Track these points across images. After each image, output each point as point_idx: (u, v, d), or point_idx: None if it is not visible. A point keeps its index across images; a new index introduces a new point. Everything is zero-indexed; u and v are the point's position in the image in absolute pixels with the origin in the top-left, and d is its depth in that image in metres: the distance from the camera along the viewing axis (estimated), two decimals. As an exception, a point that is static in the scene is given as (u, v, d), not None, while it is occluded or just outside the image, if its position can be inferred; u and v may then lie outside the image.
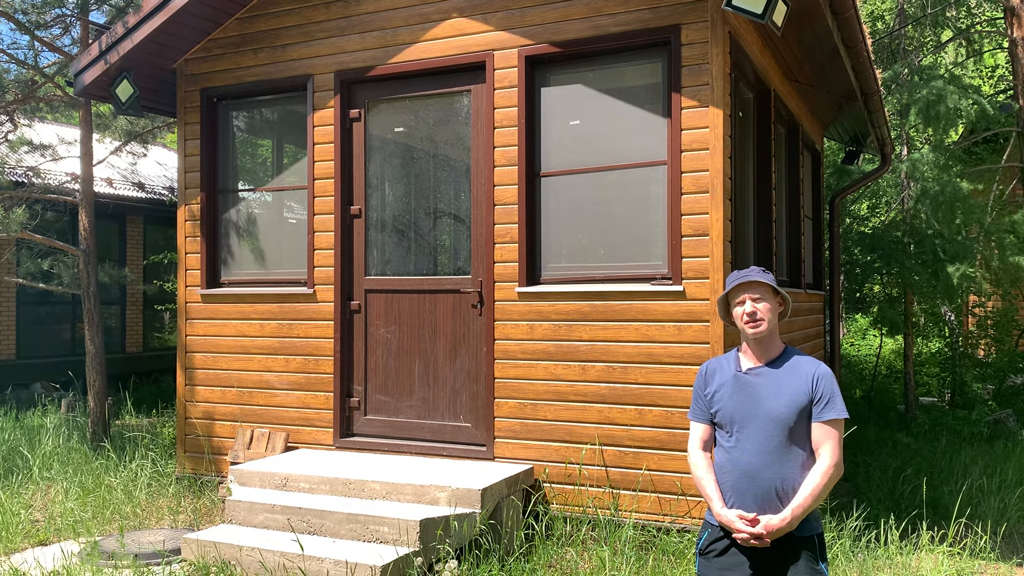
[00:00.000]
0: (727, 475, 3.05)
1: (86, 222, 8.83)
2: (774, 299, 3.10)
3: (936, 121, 10.05)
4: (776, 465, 2.96)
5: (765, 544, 2.92)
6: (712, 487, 3.07)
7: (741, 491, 3.00)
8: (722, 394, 3.11)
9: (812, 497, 2.92)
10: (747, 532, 2.92)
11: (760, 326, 3.04)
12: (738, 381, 3.09)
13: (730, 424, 3.07)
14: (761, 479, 2.97)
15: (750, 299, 3.06)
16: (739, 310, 3.09)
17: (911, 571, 4.92)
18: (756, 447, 2.99)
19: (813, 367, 3.05)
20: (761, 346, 3.09)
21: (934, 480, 7.07)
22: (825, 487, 2.94)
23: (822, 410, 2.98)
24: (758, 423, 3.00)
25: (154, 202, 14.23)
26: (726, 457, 3.07)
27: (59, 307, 13.51)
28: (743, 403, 3.05)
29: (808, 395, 2.99)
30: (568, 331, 5.69)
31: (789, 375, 3.04)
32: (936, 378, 13.23)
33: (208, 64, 7.04)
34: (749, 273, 3.10)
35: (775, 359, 3.09)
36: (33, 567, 4.92)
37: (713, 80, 5.31)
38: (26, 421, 9.92)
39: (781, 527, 2.90)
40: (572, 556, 5.08)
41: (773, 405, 2.99)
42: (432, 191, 6.35)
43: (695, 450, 3.18)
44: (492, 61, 5.93)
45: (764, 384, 3.04)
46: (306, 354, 6.58)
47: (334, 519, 5.07)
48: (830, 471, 2.94)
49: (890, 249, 10.76)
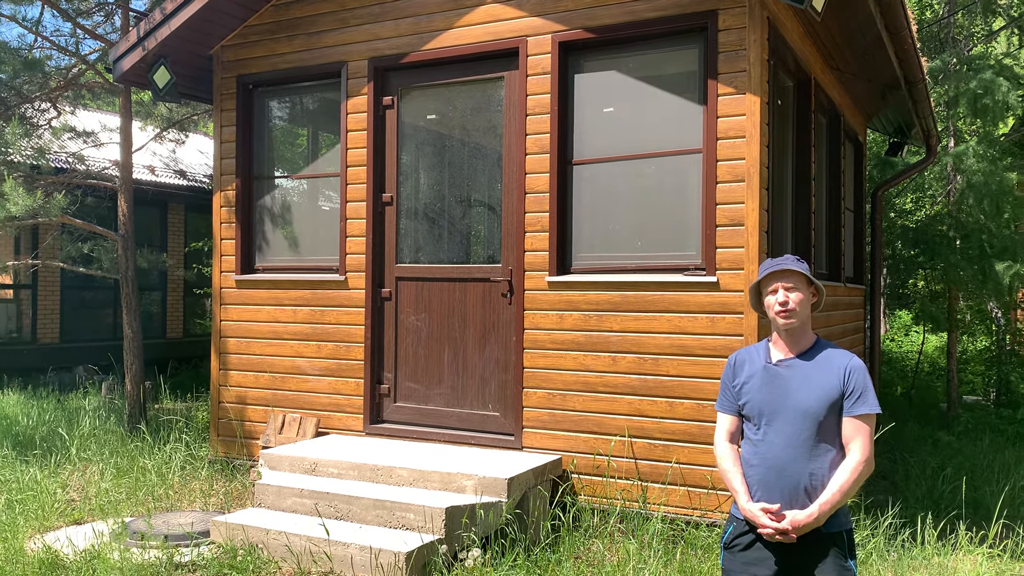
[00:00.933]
0: (754, 469, 2.98)
1: (124, 207, 8.95)
2: (808, 289, 3.01)
3: (984, 114, 9.78)
4: (805, 459, 2.88)
5: (791, 540, 2.85)
6: (738, 480, 3.00)
7: (768, 485, 2.92)
8: (751, 386, 3.03)
9: (841, 493, 2.83)
10: (773, 527, 2.85)
11: (792, 317, 2.95)
12: (768, 373, 3.01)
13: (758, 416, 2.99)
14: (789, 473, 2.89)
15: (783, 288, 2.97)
16: (771, 299, 3.00)
17: (948, 572, 4.79)
18: (785, 441, 2.91)
19: (845, 360, 2.95)
20: (792, 337, 3.00)
21: (975, 480, 6.89)
22: (855, 483, 2.85)
23: (853, 404, 2.88)
24: (787, 416, 2.92)
25: (195, 189, 14.38)
26: (753, 450, 2.99)
27: (102, 292, 13.75)
28: (772, 395, 2.96)
29: (839, 389, 2.90)
30: (598, 321, 5.63)
31: (820, 368, 2.94)
32: (981, 376, 12.91)
33: (244, 51, 7.07)
34: (784, 261, 3.01)
35: (806, 351, 3.00)
36: (65, 545, 5.00)
37: (751, 66, 5.19)
38: (67, 403, 10.12)
39: (808, 523, 2.82)
40: (599, 548, 5.02)
41: (803, 398, 2.91)
42: (464, 179, 6.31)
43: (721, 442, 3.11)
44: (525, 47, 5.87)
45: (794, 376, 2.96)
46: (337, 340, 6.60)
47: (361, 505, 5.07)
48: (860, 467, 2.85)
49: (934, 244, 10.50)
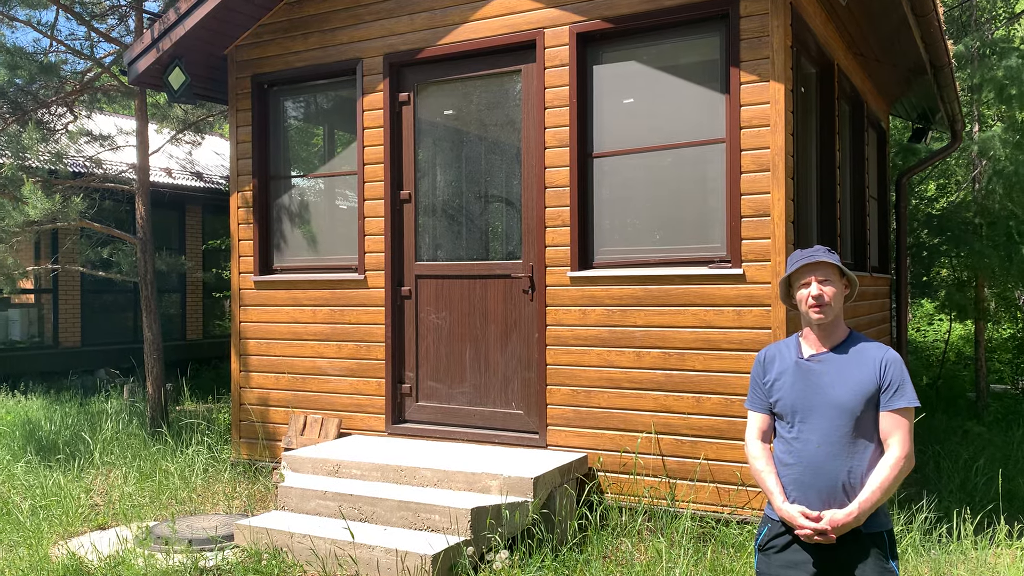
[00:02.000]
0: (789, 468, 2.87)
1: (142, 210, 8.94)
2: (840, 281, 2.91)
3: (1010, 101, 9.59)
4: (841, 457, 2.77)
5: (830, 540, 2.75)
6: (773, 481, 2.89)
7: (804, 485, 2.82)
8: (782, 382, 2.92)
9: (881, 491, 2.73)
10: (811, 527, 2.75)
11: (826, 311, 2.85)
12: (800, 368, 2.90)
13: (791, 414, 2.88)
14: (826, 472, 2.78)
15: (816, 281, 2.86)
16: (803, 292, 2.89)
17: (988, 568, 4.67)
18: (820, 438, 2.80)
19: (881, 352, 2.85)
20: (825, 331, 2.90)
21: (1009, 471, 6.74)
22: (895, 480, 2.74)
23: (891, 398, 2.78)
24: (822, 413, 2.81)
25: (212, 191, 14.39)
26: (787, 449, 2.89)
27: (122, 295, 13.79)
28: (805, 392, 2.86)
29: (876, 382, 2.79)
30: (622, 316, 5.54)
31: (855, 361, 2.84)
32: (1009, 365, 12.71)
33: (258, 50, 7.02)
34: (815, 253, 2.90)
35: (839, 344, 2.90)
36: (90, 551, 4.97)
37: (774, 53, 5.08)
38: (89, 407, 10.14)
39: (847, 522, 2.72)
40: (627, 547, 4.94)
41: (838, 393, 2.80)
42: (482, 174, 6.23)
43: (753, 441, 3.00)
44: (543, 39, 5.78)
45: (828, 371, 2.85)
46: (358, 340, 6.54)
47: (385, 506, 5.01)
48: (900, 463, 2.74)
49: (960, 231, 10.32)
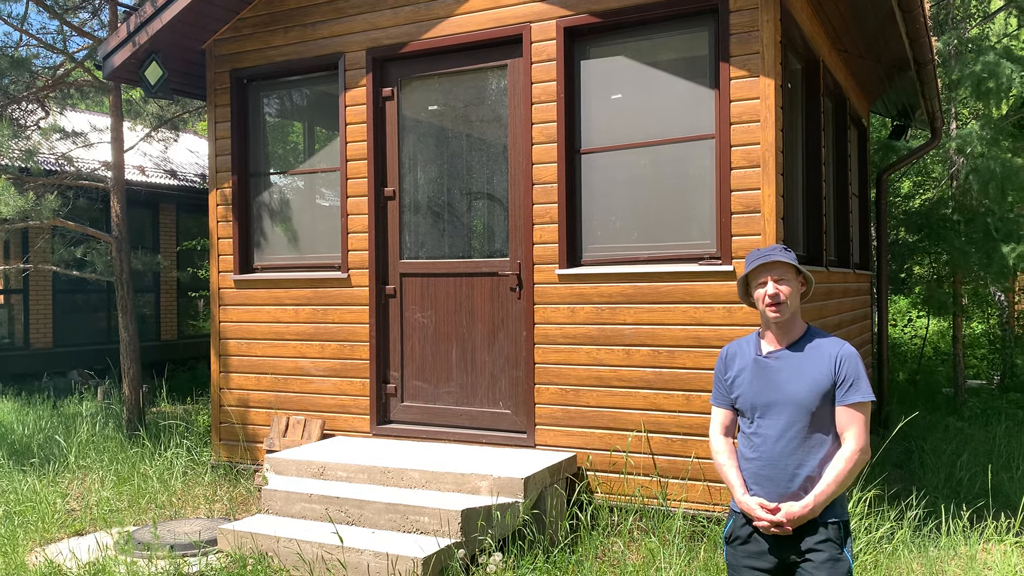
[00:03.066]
0: (749, 462, 2.96)
1: (118, 208, 8.75)
2: (796, 280, 2.97)
3: (987, 96, 9.66)
4: (799, 452, 2.86)
5: (787, 532, 2.84)
6: (734, 474, 2.99)
7: (763, 478, 2.91)
8: (742, 379, 3.01)
9: (836, 483, 2.81)
10: (768, 519, 2.84)
11: (782, 310, 2.91)
12: (758, 365, 2.98)
13: (751, 410, 2.98)
14: (783, 466, 2.87)
15: (772, 280, 2.93)
16: (760, 292, 2.96)
17: (979, 564, 4.66)
18: (778, 433, 2.89)
19: (836, 348, 2.91)
20: (782, 329, 2.97)
21: (992, 466, 6.77)
22: (850, 473, 2.83)
23: (846, 393, 2.85)
24: (779, 408, 2.90)
25: (186, 189, 14.17)
26: (748, 443, 2.98)
27: (94, 295, 13.54)
28: (764, 388, 2.94)
29: (831, 378, 2.86)
30: (611, 314, 5.48)
31: (811, 358, 2.91)
32: (984, 360, 12.83)
33: (237, 44, 6.88)
34: (771, 252, 2.96)
35: (796, 341, 2.97)
36: (68, 558, 4.83)
37: (764, 48, 5.05)
38: (63, 409, 9.92)
39: (803, 514, 2.80)
40: (619, 547, 4.89)
41: (795, 389, 2.88)
42: (468, 171, 6.14)
43: (716, 436, 3.09)
44: (529, 34, 5.70)
45: (785, 368, 2.93)
46: (341, 340, 6.43)
47: (373, 509, 4.92)
48: (855, 456, 2.82)
49: (938, 228, 10.39)
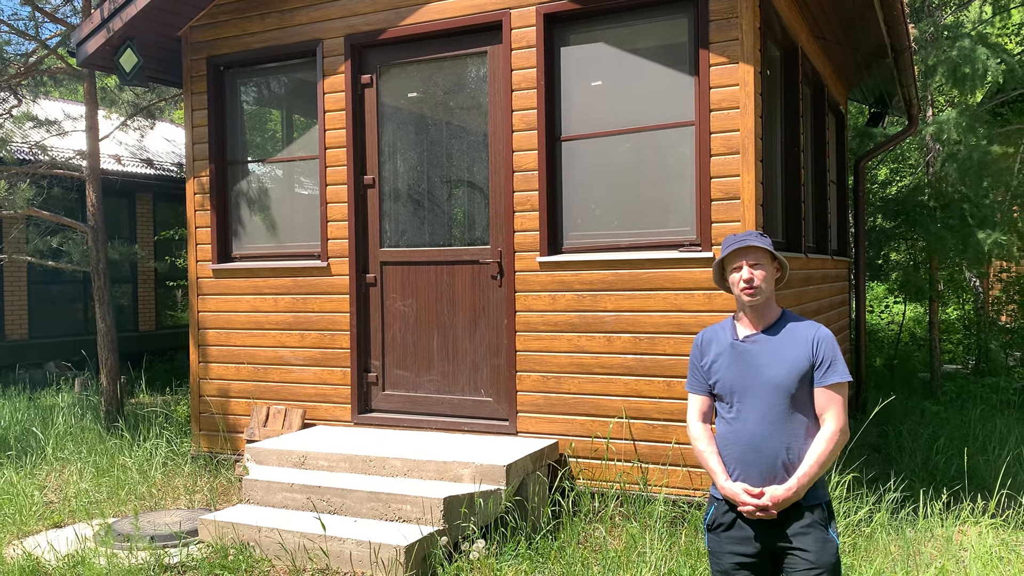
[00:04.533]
0: (730, 447, 2.95)
1: (93, 198, 8.65)
2: (772, 265, 2.98)
3: (963, 82, 9.72)
4: (780, 434, 2.86)
5: (772, 516, 2.84)
6: (715, 460, 2.97)
7: (745, 463, 2.90)
8: (720, 364, 3.00)
9: (818, 465, 2.82)
10: (752, 504, 2.83)
11: (757, 294, 2.93)
12: (735, 350, 2.98)
13: (730, 395, 2.96)
14: (765, 449, 2.87)
15: (747, 265, 2.94)
16: (735, 276, 2.97)
17: (955, 545, 4.73)
18: (758, 417, 2.89)
19: (812, 331, 2.93)
20: (757, 313, 2.98)
21: (968, 449, 6.87)
22: (831, 454, 2.83)
23: (824, 374, 2.87)
24: (759, 392, 2.90)
25: (163, 179, 14.02)
26: (728, 429, 2.97)
27: (71, 286, 13.39)
28: (742, 372, 2.94)
29: (809, 360, 2.88)
30: (592, 301, 5.49)
31: (788, 341, 2.92)
32: (960, 345, 12.98)
33: (214, 31, 6.80)
34: (747, 238, 2.97)
35: (772, 324, 2.98)
36: (47, 551, 4.79)
37: (743, 35, 5.05)
38: (39, 401, 9.82)
39: (787, 497, 2.80)
40: (601, 532, 4.91)
41: (773, 373, 2.89)
42: (449, 158, 6.12)
43: (695, 423, 3.07)
44: (509, 20, 5.68)
45: (763, 351, 2.93)
46: (322, 329, 6.40)
47: (355, 497, 4.92)
48: (835, 437, 2.83)
49: (915, 214, 10.47)
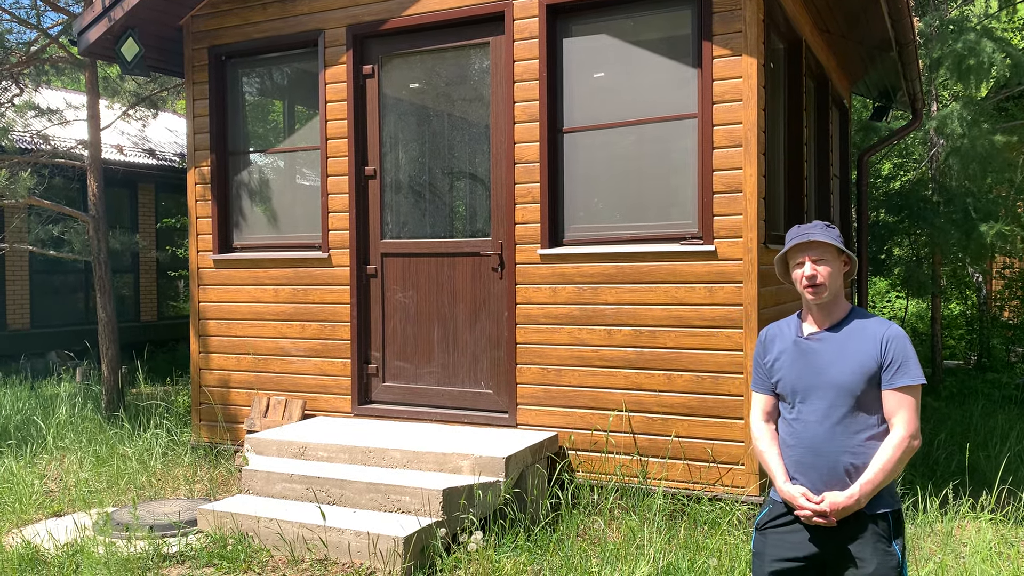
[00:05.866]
0: (791, 449, 2.79)
1: (95, 187, 8.64)
2: (838, 259, 2.79)
3: (968, 75, 9.67)
4: (842, 437, 2.69)
5: (831, 523, 2.67)
6: (775, 461, 2.82)
7: (805, 466, 2.74)
8: (782, 362, 2.84)
9: (883, 473, 2.63)
10: (811, 509, 2.67)
11: (821, 292, 2.75)
12: (799, 348, 2.81)
13: (792, 394, 2.81)
14: (826, 453, 2.70)
15: (810, 261, 2.76)
16: (798, 272, 2.79)
17: (954, 540, 4.72)
18: (819, 418, 2.73)
19: (882, 329, 2.73)
20: (823, 310, 2.80)
21: (969, 445, 6.85)
22: (899, 461, 2.64)
23: (893, 376, 2.67)
24: (822, 392, 2.73)
25: (165, 169, 14.00)
26: (789, 430, 2.81)
27: (72, 276, 13.39)
28: (805, 371, 2.78)
29: (877, 360, 2.69)
30: (593, 294, 5.48)
31: (855, 339, 2.74)
32: (962, 340, 12.96)
33: (215, 21, 6.78)
34: (811, 231, 2.77)
35: (839, 322, 2.80)
36: (46, 539, 4.80)
37: (747, 27, 5.03)
38: (40, 390, 9.84)
39: (848, 505, 2.64)
40: (600, 525, 4.91)
41: (837, 372, 2.71)
42: (450, 150, 6.10)
43: (757, 422, 2.93)
44: (511, 11, 5.65)
45: (827, 350, 2.76)
46: (322, 320, 6.40)
47: (354, 488, 4.91)
48: (904, 443, 2.64)
49: (918, 209, 10.44)
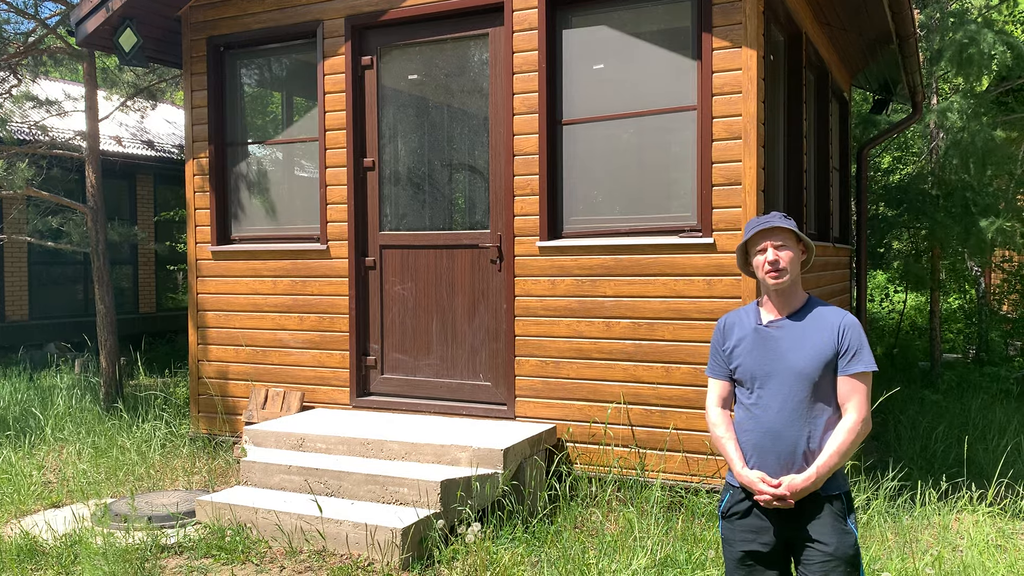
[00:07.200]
0: (748, 434, 2.88)
1: (93, 178, 8.62)
2: (797, 247, 2.90)
3: (968, 67, 9.64)
4: (800, 422, 2.79)
5: (789, 505, 2.77)
6: (732, 447, 2.91)
7: (763, 450, 2.83)
8: (742, 349, 2.93)
9: (838, 455, 2.75)
10: (770, 493, 2.77)
11: (783, 276, 2.84)
12: (759, 335, 2.90)
13: (751, 380, 2.89)
14: (784, 437, 2.80)
15: (772, 247, 2.85)
16: (760, 259, 2.88)
17: (951, 532, 4.73)
18: (779, 404, 2.81)
19: (838, 317, 2.85)
20: (783, 297, 2.90)
21: (967, 438, 6.86)
22: (852, 444, 2.76)
23: (848, 363, 2.79)
24: (780, 379, 2.82)
25: (164, 160, 13.98)
26: (747, 415, 2.90)
27: (71, 267, 13.38)
28: (764, 358, 2.87)
29: (834, 347, 2.80)
30: (592, 286, 5.47)
31: (813, 327, 2.84)
32: (960, 334, 12.95)
33: (214, 11, 6.75)
34: (771, 219, 2.88)
35: (798, 310, 2.90)
36: (44, 530, 4.80)
37: (747, 19, 5.01)
38: (39, 382, 9.83)
39: (805, 486, 2.74)
40: (598, 517, 4.92)
41: (796, 359, 2.81)
42: (449, 141, 6.09)
43: (714, 408, 3.01)
44: (511, 2, 5.63)
45: (786, 337, 2.85)
46: (321, 312, 6.39)
47: (352, 480, 4.92)
48: (857, 427, 2.76)
49: (918, 202, 10.42)
